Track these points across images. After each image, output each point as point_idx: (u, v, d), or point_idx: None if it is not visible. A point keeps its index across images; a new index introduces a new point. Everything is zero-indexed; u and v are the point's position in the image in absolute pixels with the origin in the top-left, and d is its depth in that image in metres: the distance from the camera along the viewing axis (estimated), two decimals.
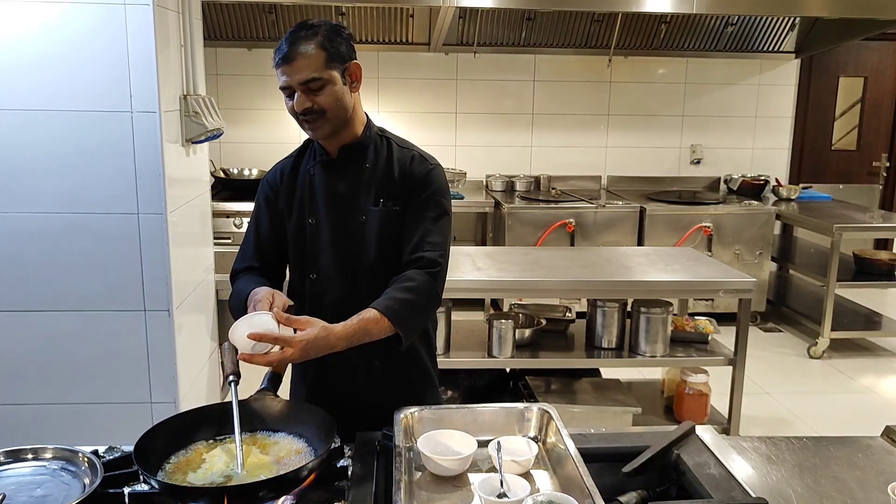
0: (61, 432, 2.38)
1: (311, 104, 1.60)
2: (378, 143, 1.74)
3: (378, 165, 1.71)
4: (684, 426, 1.49)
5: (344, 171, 1.71)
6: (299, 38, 1.58)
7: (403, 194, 1.69)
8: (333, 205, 1.70)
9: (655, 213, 5.02)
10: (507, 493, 1.26)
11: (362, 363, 1.71)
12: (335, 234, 1.70)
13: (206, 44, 2.98)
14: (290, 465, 1.32)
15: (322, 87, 1.60)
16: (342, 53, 1.64)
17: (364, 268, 1.69)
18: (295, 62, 1.58)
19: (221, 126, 2.69)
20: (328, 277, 1.71)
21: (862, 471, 1.49)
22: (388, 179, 1.70)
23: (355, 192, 1.70)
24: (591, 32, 5.35)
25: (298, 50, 1.58)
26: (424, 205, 1.69)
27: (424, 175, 1.71)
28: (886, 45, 5.94)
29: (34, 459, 1.35)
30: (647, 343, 3.29)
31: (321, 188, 1.71)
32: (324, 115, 1.62)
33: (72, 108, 2.24)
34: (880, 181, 6.14)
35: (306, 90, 1.59)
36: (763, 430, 3.64)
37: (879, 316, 5.08)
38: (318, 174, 1.72)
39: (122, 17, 2.19)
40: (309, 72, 1.58)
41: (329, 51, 1.60)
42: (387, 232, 1.69)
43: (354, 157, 1.71)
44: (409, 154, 1.74)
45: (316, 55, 1.58)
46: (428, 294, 1.63)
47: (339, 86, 1.63)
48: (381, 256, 1.70)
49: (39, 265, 2.32)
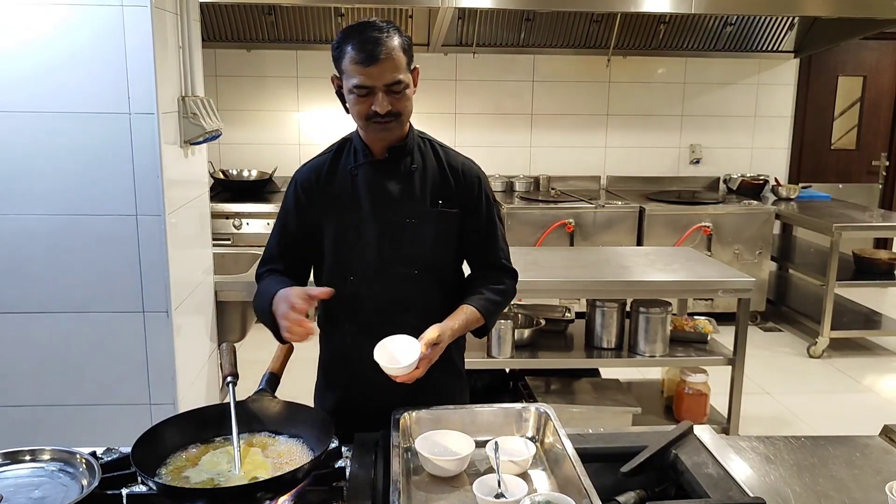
0: (60, 434, 2.38)
1: (391, 107, 1.55)
2: (422, 145, 1.72)
3: (427, 167, 1.69)
4: (682, 426, 1.49)
5: (391, 172, 1.67)
6: (381, 39, 1.52)
7: (460, 198, 1.70)
8: (380, 206, 1.66)
9: (655, 213, 5.02)
10: (505, 493, 1.26)
11: None
12: (381, 235, 1.66)
13: (205, 45, 2.98)
14: (287, 465, 1.32)
15: (404, 90, 1.56)
16: (412, 56, 1.60)
17: (411, 269, 1.68)
18: (382, 63, 1.51)
19: (220, 127, 2.69)
20: (369, 279, 1.68)
21: (860, 470, 1.49)
22: (444, 182, 1.69)
23: (405, 193, 1.67)
24: (590, 32, 5.35)
25: (384, 50, 1.51)
26: (489, 211, 1.74)
27: (479, 180, 1.74)
28: (885, 45, 5.94)
29: (32, 461, 1.35)
30: (646, 343, 3.29)
31: (366, 189, 1.67)
32: (399, 118, 1.59)
33: (70, 109, 2.23)
34: (880, 180, 6.14)
35: (389, 92, 1.54)
36: (763, 430, 3.64)
37: (879, 315, 5.08)
38: (363, 175, 1.67)
39: (119, 18, 2.19)
40: (396, 73, 1.53)
41: (408, 53, 1.57)
42: (443, 233, 1.69)
43: (401, 158, 1.68)
44: (459, 158, 1.75)
45: (400, 57, 1.54)
46: (509, 298, 1.78)
47: (411, 88, 1.60)
48: (433, 258, 1.70)
49: (38, 267, 2.32)
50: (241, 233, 4.84)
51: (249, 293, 3.01)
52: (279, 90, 5.47)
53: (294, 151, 5.55)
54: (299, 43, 5.32)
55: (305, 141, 5.56)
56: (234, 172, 5.43)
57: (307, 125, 5.55)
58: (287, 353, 1.65)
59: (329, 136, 5.91)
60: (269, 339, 1.63)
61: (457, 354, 1.82)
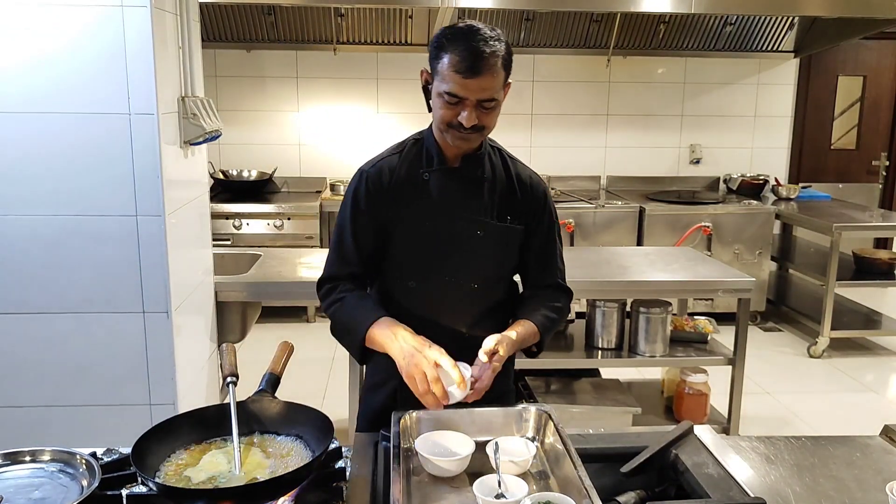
0: (60, 434, 2.38)
1: (477, 121, 1.52)
2: (492, 154, 1.69)
3: (496, 178, 1.67)
4: (682, 426, 1.49)
5: (463, 181, 1.65)
6: (486, 53, 1.47)
7: (526, 213, 1.69)
8: (450, 215, 1.63)
9: (655, 213, 5.02)
10: (505, 493, 1.26)
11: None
12: (448, 244, 1.64)
13: (205, 45, 2.98)
14: (287, 466, 1.32)
15: (494, 107, 1.53)
16: (510, 72, 1.55)
17: (471, 280, 1.67)
18: (482, 78, 1.47)
19: (219, 128, 2.69)
20: (430, 287, 1.66)
21: (860, 470, 1.49)
22: (512, 196, 1.68)
23: (475, 204, 1.64)
24: (589, 32, 5.35)
25: (487, 66, 1.47)
26: (551, 228, 1.73)
27: (545, 196, 1.72)
28: (885, 44, 5.94)
29: (32, 462, 1.35)
30: (646, 343, 3.29)
31: (437, 196, 1.63)
32: (481, 132, 1.56)
33: (69, 110, 2.23)
34: (880, 180, 6.14)
35: (479, 107, 1.51)
36: (763, 430, 3.64)
37: (879, 315, 5.08)
38: (435, 181, 1.64)
39: (119, 19, 2.19)
40: (492, 92, 1.50)
41: (507, 69, 1.53)
42: (506, 249, 1.68)
43: (474, 167, 1.65)
44: (527, 171, 1.73)
45: (500, 74, 1.50)
46: (564, 317, 1.77)
47: (501, 104, 1.56)
48: (494, 271, 1.70)
49: (38, 267, 2.32)
50: (241, 233, 4.85)
51: (249, 294, 3.04)
52: (279, 90, 5.47)
53: (294, 152, 5.55)
54: (299, 43, 5.33)
55: (305, 141, 5.56)
56: (234, 173, 5.44)
57: (307, 125, 5.55)
58: (287, 354, 1.65)
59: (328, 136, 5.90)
60: (269, 340, 1.63)
61: (510, 363, 1.81)
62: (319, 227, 4.92)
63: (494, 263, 1.69)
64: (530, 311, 1.70)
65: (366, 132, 5.54)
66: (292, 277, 3.08)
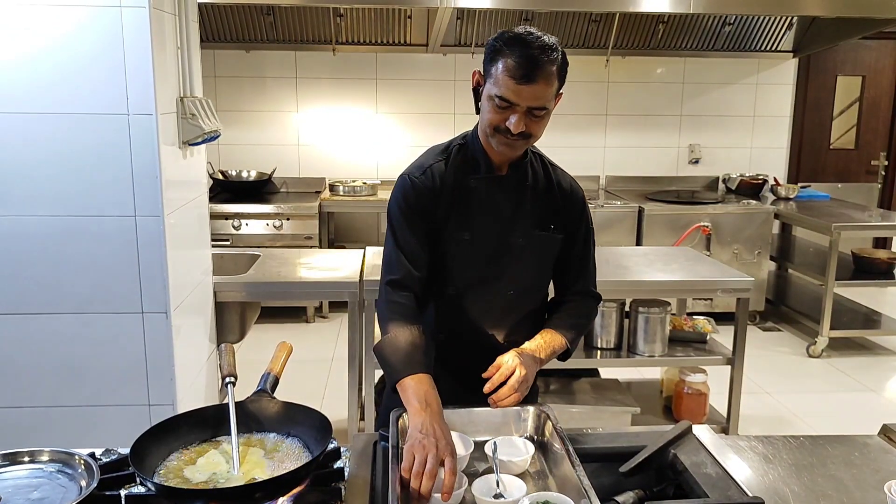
0: (60, 435, 2.38)
1: (525, 128, 1.52)
2: (534, 161, 1.70)
3: (538, 186, 1.67)
4: (681, 426, 1.49)
5: (509, 190, 1.65)
6: (543, 61, 1.47)
7: (566, 221, 1.69)
8: (493, 223, 1.64)
9: (654, 213, 5.02)
10: (504, 493, 1.26)
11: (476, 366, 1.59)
12: (490, 253, 1.64)
13: (205, 46, 2.98)
14: (286, 466, 1.32)
15: (544, 116, 1.53)
16: (564, 82, 1.56)
17: (510, 289, 1.67)
18: (536, 85, 1.47)
19: (218, 128, 2.69)
20: (469, 295, 1.66)
21: (859, 469, 1.49)
22: (553, 204, 1.68)
23: (518, 213, 1.65)
24: (588, 32, 5.35)
25: (543, 74, 1.47)
26: (587, 236, 1.73)
27: (583, 203, 1.72)
28: (884, 44, 5.94)
29: (31, 462, 1.35)
30: (645, 343, 3.29)
31: (482, 203, 1.63)
32: (528, 139, 1.56)
33: (68, 110, 2.23)
34: (879, 180, 6.14)
35: (529, 114, 1.51)
36: (762, 430, 3.64)
37: (878, 315, 5.08)
38: (482, 188, 1.63)
39: (118, 19, 2.19)
40: (543, 101, 1.50)
41: (561, 78, 1.53)
42: (545, 258, 1.69)
43: (520, 175, 1.66)
44: (567, 178, 1.72)
45: (553, 83, 1.50)
46: (592, 321, 1.84)
47: (550, 114, 1.55)
48: (534, 280, 1.70)
49: (37, 268, 2.32)
50: (241, 233, 4.85)
51: (248, 294, 3.04)
52: (278, 91, 5.47)
53: (293, 152, 5.55)
54: (298, 43, 5.32)
55: (304, 141, 5.56)
56: (233, 173, 5.44)
57: (306, 125, 5.55)
58: (286, 354, 1.65)
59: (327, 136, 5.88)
60: (268, 340, 1.63)
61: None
62: (319, 228, 4.92)
63: (534, 272, 1.70)
64: (561, 320, 1.71)
65: (365, 132, 5.54)
66: (291, 278, 3.08)
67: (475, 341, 1.65)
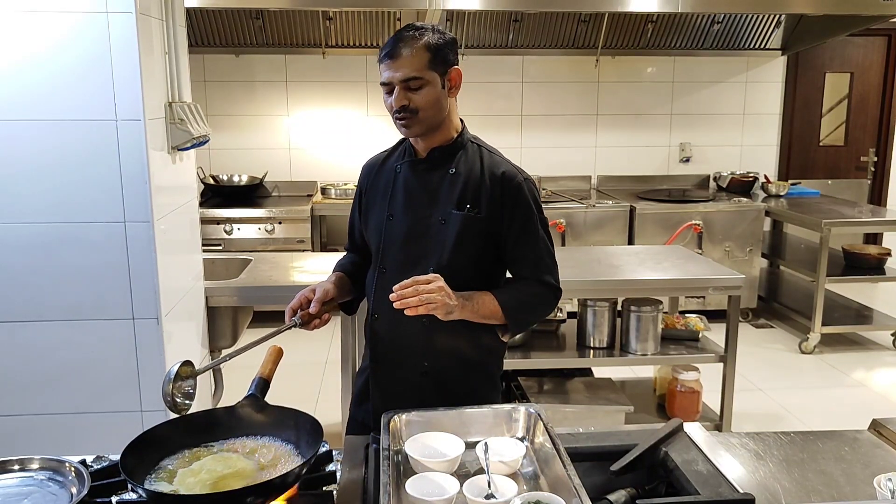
0: (51, 443, 2.37)
1: (407, 102, 1.63)
2: (470, 150, 1.76)
3: (466, 171, 1.72)
4: (672, 423, 1.50)
5: (430, 173, 1.75)
6: (406, 38, 1.63)
7: (491, 204, 1.70)
8: (413, 203, 1.74)
9: (645, 212, 5.03)
10: (495, 493, 1.26)
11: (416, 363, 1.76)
12: (409, 232, 1.74)
13: (194, 50, 2.98)
14: (278, 470, 1.31)
15: (420, 87, 1.63)
16: (446, 58, 1.66)
17: (427, 268, 1.70)
18: (399, 59, 1.61)
19: (207, 133, 2.69)
20: (396, 273, 1.71)
21: (849, 464, 1.50)
22: (477, 186, 1.71)
23: (438, 194, 1.73)
24: (578, 33, 5.37)
25: (404, 48, 1.62)
26: (527, 220, 1.73)
27: (519, 189, 1.72)
28: (872, 41, 5.98)
29: (21, 470, 1.35)
30: (638, 341, 3.30)
31: (404, 186, 1.76)
32: (416, 115, 1.65)
33: (55, 117, 2.23)
34: (868, 176, 6.18)
35: (405, 88, 1.63)
36: (755, 426, 3.65)
37: (870, 310, 5.11)
38: (404, 172, 1.77)
39: (104, 25, 2.18)
40: (410, 70, 1.61)
41: (433, 53, 1.63)
42: (464, 237, 1.71)
43: (443, 160, 1.74)
44: (504, 166, 1.74)
45: (420, 55, 1.62)
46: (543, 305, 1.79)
47: (437, 88, 1.65)
48: (453, 259, 1.71)
49: (26, 275, 2.31)
50: (233, 238, 4.84)
51: (240, 298, 3.03)
52: (268, 95, 5.47)
53: (284, 156, 5.55)
54: (288, 47, 5.32)
55: (295, 145, 5.55)
56: (224, 177, 5.43)
57: (297, 129, 5.54)
58: (277, 358, 1.65)
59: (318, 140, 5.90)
60: (261, 345, 1.64)
61: (494, 363, 1.86)
62: (311, 231, 4.91)
63: (454, 251, 1.71)
64: (500, 289, 1.74)
65: (356, 135, 5.54)
66: (284, 282, 3.08)
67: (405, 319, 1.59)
